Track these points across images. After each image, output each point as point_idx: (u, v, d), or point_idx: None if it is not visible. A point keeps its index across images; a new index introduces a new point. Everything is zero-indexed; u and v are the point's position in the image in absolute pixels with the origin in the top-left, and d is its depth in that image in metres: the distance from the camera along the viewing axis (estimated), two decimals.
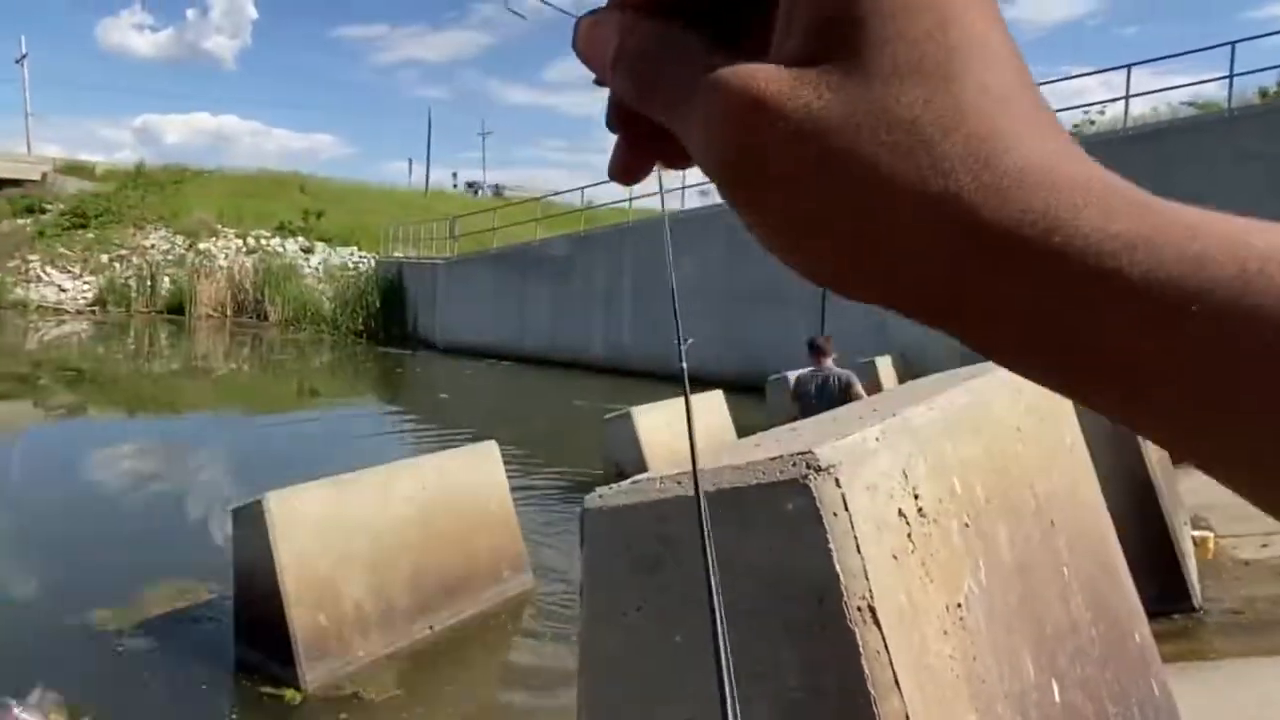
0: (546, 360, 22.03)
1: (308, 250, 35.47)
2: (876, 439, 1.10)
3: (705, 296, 19.07)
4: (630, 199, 23.16)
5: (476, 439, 6.01)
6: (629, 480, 1.16)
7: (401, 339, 28.00)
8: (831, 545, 0.99)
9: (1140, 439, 3.15)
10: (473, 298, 25.46)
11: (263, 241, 35.17)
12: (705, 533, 0.40)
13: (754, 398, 11.61)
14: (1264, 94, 16.49)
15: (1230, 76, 14.71)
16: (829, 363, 7.36)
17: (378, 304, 29.53)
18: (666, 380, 16.51)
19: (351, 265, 34.61)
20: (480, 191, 57.50)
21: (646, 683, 1.03)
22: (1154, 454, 3.25)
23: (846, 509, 1.00)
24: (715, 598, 0.99)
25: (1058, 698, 1.19)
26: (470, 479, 5.38)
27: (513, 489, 5.96)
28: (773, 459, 1.04)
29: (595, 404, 14.10)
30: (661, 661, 1.00)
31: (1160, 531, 2.97)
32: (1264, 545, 3.73)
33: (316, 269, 34.13)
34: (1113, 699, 1.38)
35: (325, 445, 11.57)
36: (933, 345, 15.11)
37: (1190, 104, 17.18)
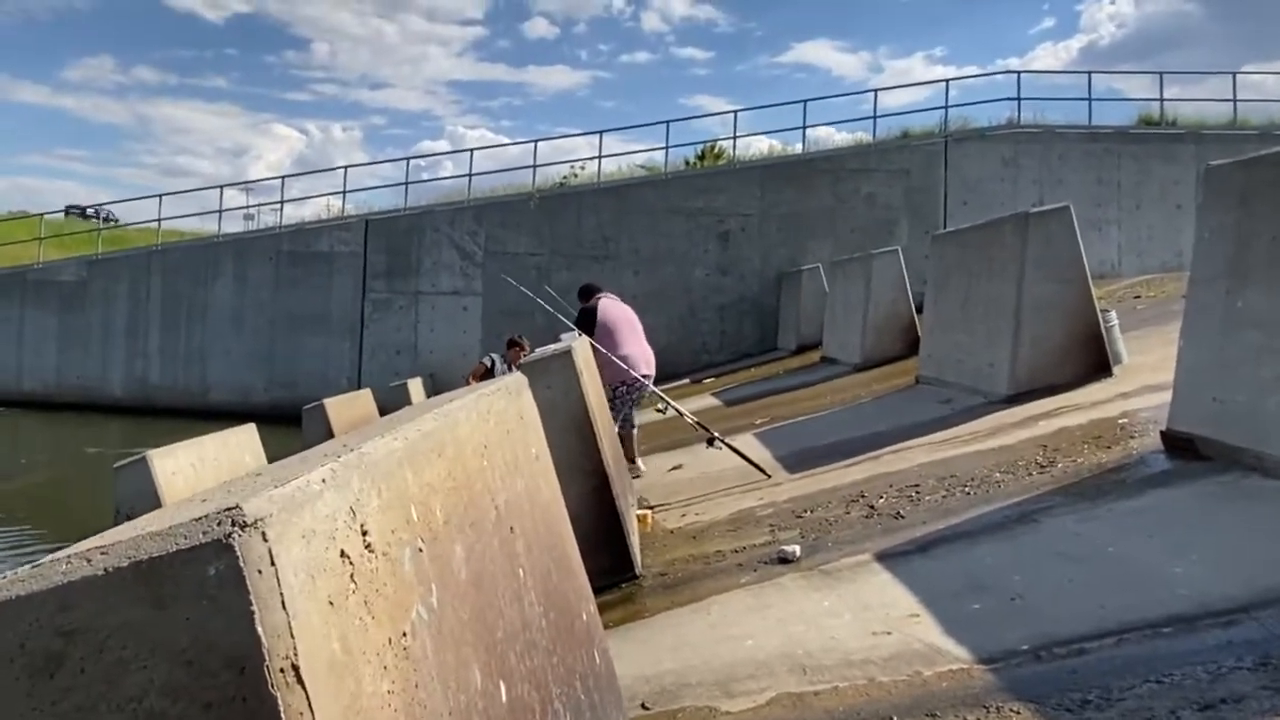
0: (51, 403, 17.28)
1: None
2: (323, 480, 0.94)
3: (247, 323, 16.81)
4: (160, 219, 19.31)
5: None
6: (32, 564, 0.85)
7: None
8: (254, 607, 0.80)
9: (597, 436, 3.48)
10: None
11: None
12: None
13: (295, 429, 10.53)
14: (687, 163, 18.99)
15: (666, 148, 17.86)
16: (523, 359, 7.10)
17: None
18: (196, 416, 14.22)
19: None
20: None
21: None
22: (609, 448, 3.60)
23: (273, 564, 0.82)
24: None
25: (504, 697, 1.15)
26: None
27: None
28: (197, 520, 0.82)
29: (113, 450, 11.55)
30: None
31: (612, 514, 3.29)
32: (683, 515, 4.37)
33: None
34: (558, 681, 1.39)
35: None
36: (457, 367, 15.48)
37: (643, 167, 19.22)
